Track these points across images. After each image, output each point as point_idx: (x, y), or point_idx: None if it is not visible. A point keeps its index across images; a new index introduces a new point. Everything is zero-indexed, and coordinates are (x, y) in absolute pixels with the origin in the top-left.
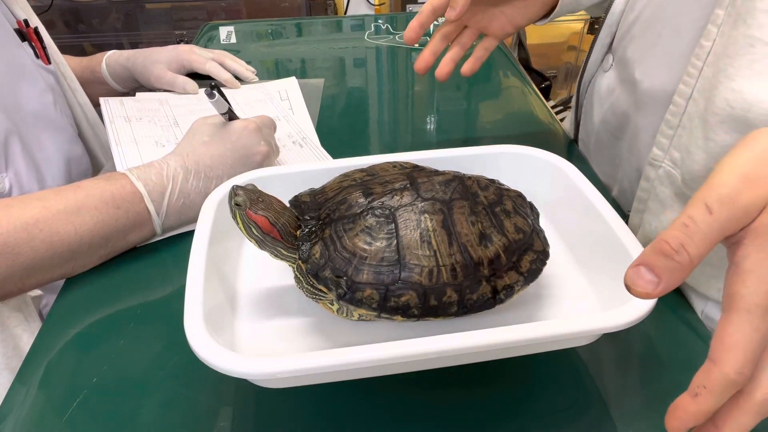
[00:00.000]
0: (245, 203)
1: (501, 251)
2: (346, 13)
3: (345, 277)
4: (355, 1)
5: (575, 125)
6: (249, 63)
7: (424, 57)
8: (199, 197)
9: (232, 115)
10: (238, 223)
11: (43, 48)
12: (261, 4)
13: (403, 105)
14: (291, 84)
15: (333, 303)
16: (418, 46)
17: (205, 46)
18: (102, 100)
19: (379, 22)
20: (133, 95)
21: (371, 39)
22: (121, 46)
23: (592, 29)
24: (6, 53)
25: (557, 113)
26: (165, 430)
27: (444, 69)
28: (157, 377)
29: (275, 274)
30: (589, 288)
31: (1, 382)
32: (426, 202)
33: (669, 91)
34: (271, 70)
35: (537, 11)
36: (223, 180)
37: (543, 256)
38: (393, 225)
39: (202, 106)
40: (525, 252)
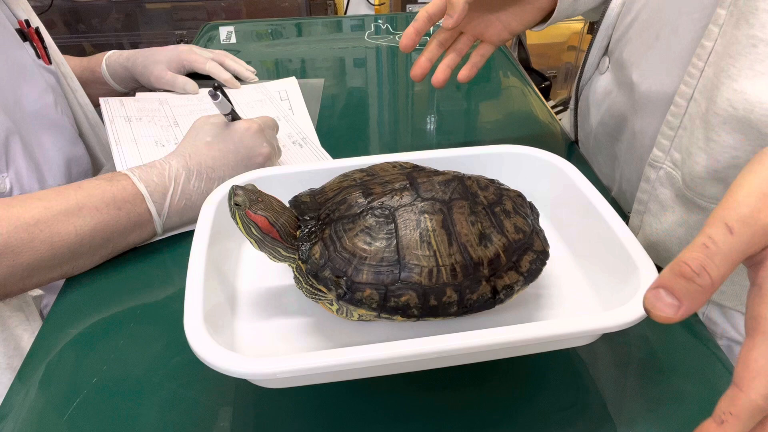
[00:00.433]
0: (245, 203)
1: (501, 251)
2: (346, 13)
3: (345, 278)
4: (355, 1)
5: (574, 127)
6: (249, 63)
7: (421, 64)
8: (200, 198)
9: (234, 116)
10: (237, 223)
11: (44, 48)
12: (261, 4)
13: (403, 105)
14: (291, 84)
15: (333, 303)
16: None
17: (205, 46)
18: (102, 100)
19: (379, 22)
20: (133, 95)
21: (371, 39)
22: (121, 46)
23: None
24: (7, 53)
25: (557, 113)
26: (165, 430)
27: (440, 76)
28: (157, 377)
29: (275, 274)
30: (589, 288)
31: (3, 382)
32: (426, 202)
33: (667, 92)
34: (271, 70)
35: (533, 17)
36: (225, 181)
37: (543, 256)
38: (393, 225)
39: (202, 106)
40: (525, 252)
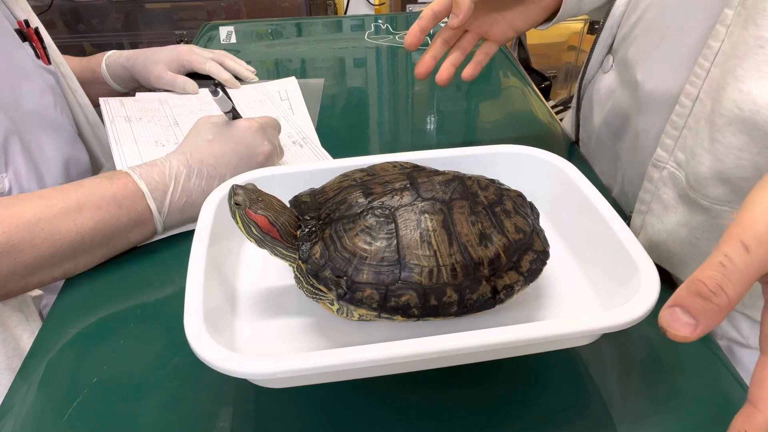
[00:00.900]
0: (245, 202)
1: (501, 251)
2: (346, 13)
3: (345, 277)
4: (355, 1)
5: (576, 126)
6: (249, 63)
7: (425, 61)
8: (201, 196)
9: (235, 114)
10: (237, 223)
11: (44, 48)
12: (261, 4)
13: (403, 105)
14: (291, 84)
15: (333, 303)
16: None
17: (205, 46)
18: (102, 100)
19: (379, 22)
20: (133, 95)
21: (371, 39)
22: (121, 46)
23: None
24: (6, 53)
25: (557, 113)
26: (165, 430)
27: (444, 74)
28: (157, 377)
29: (275, 274)
30: (589, 288)
31: (3, 383)
32: (426, 202)
33: (672, 92)
34: (271, 70)
35: (538, 16)
36: (225, 179)
37: (543, 256)
38: (393, 225)
39: (202, 106)
40: (525, 252)
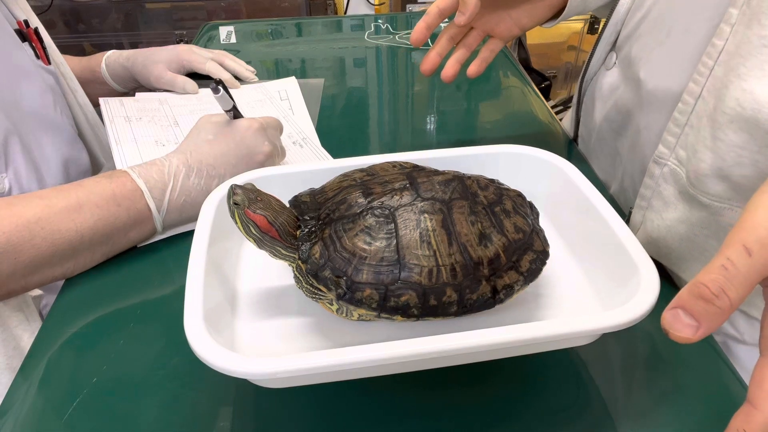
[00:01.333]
0: (244, 202)
1: (501, 251)
2: (346, 13)
3: (345, 277)
4: (355, 1)
5: (575, 122)
6: (249, 63)
7: (431, 58)
8: (200, 195)
9: (236, 113)
10: (236, 222)
11: (43, 48)
12: (261, 4)
13: (403, 105)
14: (291, 84)
15: (333, 303)
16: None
17: (205, 46)
18: (102, 101)
19: (379, 22)
20: (133, 95)
21: (371, 39)
22: (121, 46)
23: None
24: (6, 54)
25: (557, 113)
26: (165, 430)
27: (450, 70)
28: (157, 377)
29: (275, 274)
30: (589, 288)
31: (3, 382)
32: (426, 202)
33: (676, 90)
34: (271, 70)
35: (544, 14)
36: (225, 179)
37: (543, 255)
38: (393, 225)
39: (202, 106)
40: (525, 252)
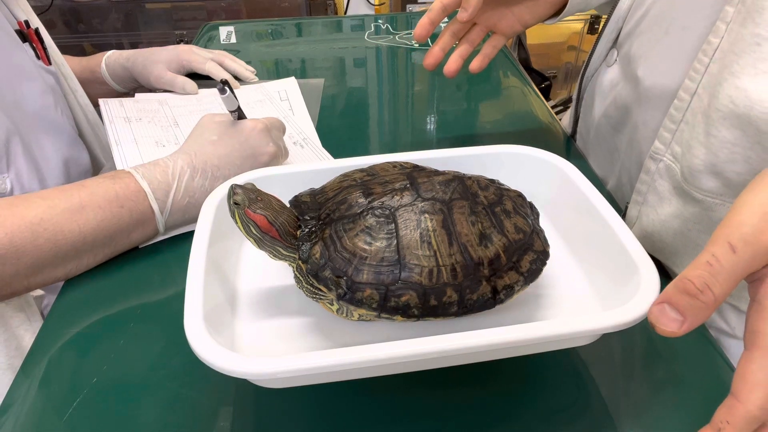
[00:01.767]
0: (244, 202)
1: (501, 251)
2: (346, 13)
3: (345, 277)
4: (355, 1)
5: (574, 119)
6: (249, 63)
7: (434, 53)
8: (203, 196)
9: (240, 114)
10: (236, 222)
11: (44, 49)
12: (261, 4)
13: (403, 105)
14: (290, 84)
15: (333, 303)
16: (417, 45)
17: (205, 46)
18: (101, 101)
19: (379, 22)
20: (133, 95)
21: (371, 39)
22: (121, 46)
23: (593, 29)
24: (6, 54)
25: (557, 113)
26: (165, 430)
27: (452, 66)
28: (157, 377)
29: (275, 274)
30: (589, 288)
31: (4, 382)
32: (426, 202)
33: (673, 87)
34: (271, 70)
35: (546, 10)
36: (229, 179)
37: (543, 256)
38: (393, 225)
39: (202, 107)
40: (525, 252)
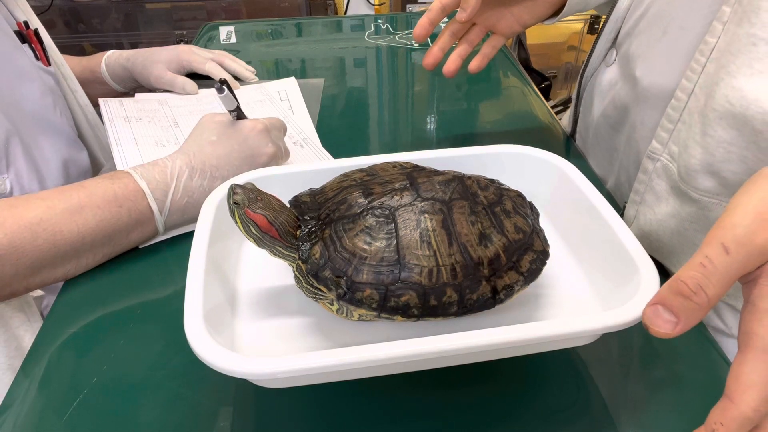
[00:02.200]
0: (243, 202)
1: (501, 251)
2: (346, 13)
3: (345, 277)
4: (355, 1)
5: (574, 119)
6: (249, 63)
7: (433, 53)
8: (203, 196)
9: (240, 114)
10: (236, 222)
11: (43, 50)
12: (261, 4)
13: (403, 105)
14: (290, 84)
15: (333, 303)
16: (417, 45)
17: (205, 46)
18: (101, 101)
19: (379, 22)
20: (132, 95)
21: (371, 39)
22: (121, 46)
23: (593, 29)
24: (6, 56)
25: (557, 113)
26: (165, 430)
27: (452, 65)
28: (157, 377)
29: (275, 274)
30: (589, 288)
31: (5, 382)
32: (426, 202)
33: (670, 86)
34: (271, 70)
35: (545, 11)
36: (228, 179)
37: (543, 256)
38: (393, 225)
39: (202, 107)
40: (525, 252)
